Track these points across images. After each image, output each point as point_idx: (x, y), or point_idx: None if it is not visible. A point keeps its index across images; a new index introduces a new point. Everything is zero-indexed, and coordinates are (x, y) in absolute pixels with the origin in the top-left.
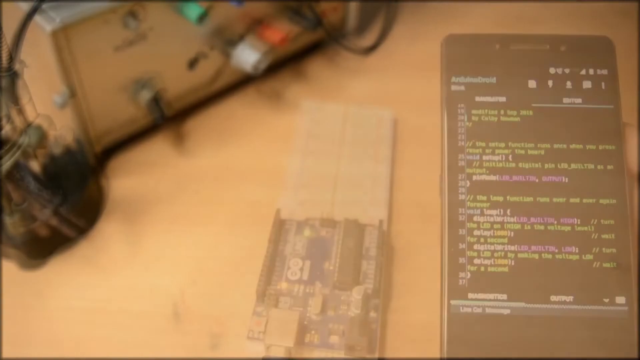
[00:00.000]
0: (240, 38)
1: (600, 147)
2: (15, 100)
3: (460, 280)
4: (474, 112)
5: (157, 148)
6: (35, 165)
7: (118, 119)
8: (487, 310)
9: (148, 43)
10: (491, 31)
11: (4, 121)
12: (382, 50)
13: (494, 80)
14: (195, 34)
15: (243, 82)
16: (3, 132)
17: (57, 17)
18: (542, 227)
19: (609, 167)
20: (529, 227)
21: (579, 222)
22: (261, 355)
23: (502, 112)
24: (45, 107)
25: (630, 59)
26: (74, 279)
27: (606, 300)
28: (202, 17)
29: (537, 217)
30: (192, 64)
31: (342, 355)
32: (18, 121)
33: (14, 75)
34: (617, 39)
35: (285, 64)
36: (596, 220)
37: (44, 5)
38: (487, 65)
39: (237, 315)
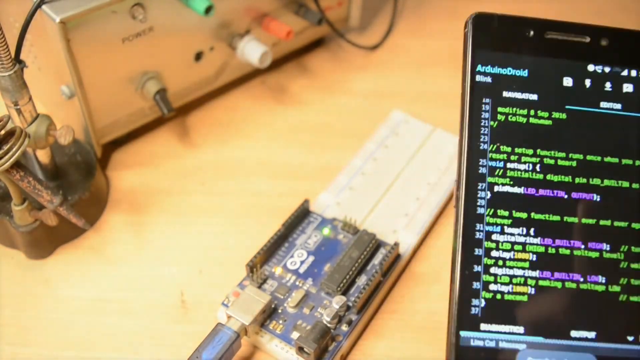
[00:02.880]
0: (246, 31)
1: (638, 163)
2: (22, 90)
3: (473, 309)
4: (500, 109)
5: (162, 140)
6: (42, 156)
7: (124, 111)
8: (501, 345)
9: (155, 35)
10: None
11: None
12: (386, 46)
13: (525, 73)
14: (202, 26)
15: (248, 75)
16: (10, 123)
17: (66, 7)
18: (567, 252)
19: None
20: (553, 250)
21: (608, 249)
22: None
23: (532, 112)
24: (53, 98)
25: None
26: (80, 268)
27: (630, 338)
28: (209, 9)
29: (563, 239)
30: (198, 57)
31: (294, 353)
32: (25, 111)
33: (21, 65)
34: None
35: (289, 58)
36: (627, 247)
37: None
38: (519, 54)
39: None
